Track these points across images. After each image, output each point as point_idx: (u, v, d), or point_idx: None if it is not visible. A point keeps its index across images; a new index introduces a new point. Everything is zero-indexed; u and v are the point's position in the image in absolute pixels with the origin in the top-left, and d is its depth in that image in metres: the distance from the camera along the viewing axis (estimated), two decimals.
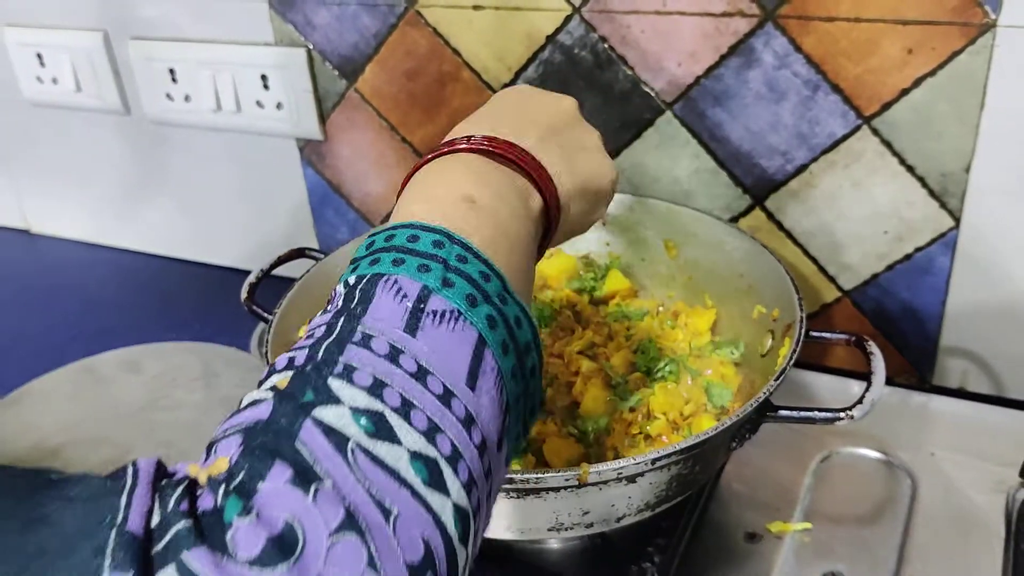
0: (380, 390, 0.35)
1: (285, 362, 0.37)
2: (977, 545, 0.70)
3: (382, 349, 0.36)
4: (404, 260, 0.39)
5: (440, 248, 0.40)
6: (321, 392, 0.35)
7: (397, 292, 0.38)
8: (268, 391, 0.36)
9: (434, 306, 0.38)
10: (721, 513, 0.74)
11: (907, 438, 0.80)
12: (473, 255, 0.40)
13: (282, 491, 0.32)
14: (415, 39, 0.92)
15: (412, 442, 0.34)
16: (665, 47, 0.82)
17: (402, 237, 0.41)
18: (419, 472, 0.34)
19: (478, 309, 0.39)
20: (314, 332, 0.38)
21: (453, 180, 0.45)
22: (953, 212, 0.79)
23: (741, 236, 0.79)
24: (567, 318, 0.81)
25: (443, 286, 0.38)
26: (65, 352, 1.02)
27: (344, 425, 0.34)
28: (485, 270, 0.40)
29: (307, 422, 0.34)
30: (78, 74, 1.11)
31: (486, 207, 0.44)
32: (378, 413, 0.34)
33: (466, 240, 0.41)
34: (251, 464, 0.32)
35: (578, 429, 0.71)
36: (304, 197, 1.08)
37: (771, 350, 0.72)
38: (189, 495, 0.32)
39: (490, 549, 0.69)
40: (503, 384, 0.39)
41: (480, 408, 0.37)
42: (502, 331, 0.39)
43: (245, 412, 0.35)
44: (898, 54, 0.75)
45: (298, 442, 0.33)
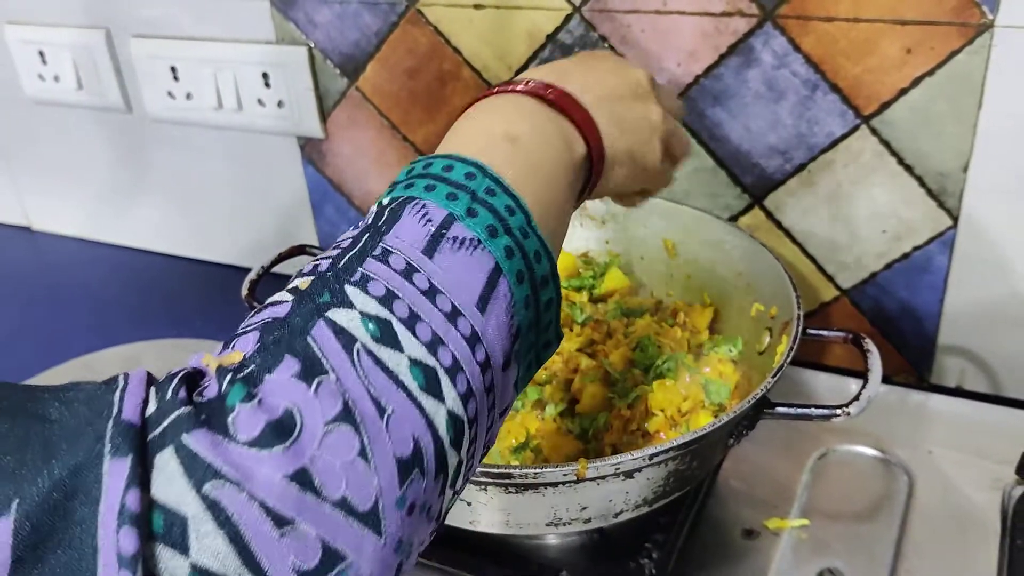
0: (391, 301, 0.37)
1: (310, 268, 0.39)
2: (973, 542, 0.70)
3: (399, 265, 0.38)
4: (435, 187, 0.41)
5: (471, 179, 0.42)
6: (337, 295, 0.37)
7: (423, 216, 0.40)
8: (289, 293, 0.38)
9: (455, 232, 0.40)
10: (719, 510, 0.74)
11: (904, 436, 0.80)
12: (503, 189, 0.42)
13: (287, 383, 0.34)
14: (416, 37, 0.92)
15: (413, 350, 0.37)
16: (665, 46, 0.83)
17: (438, 166, 0.43)
18: (416, 377, 0.36)
19: (497, 240, 0.41)
20: (341, 243, 0.41)
21: (499, 117, 0.47)
22: (951, 211, 0.79)
23: (740, 234, 0.80)
24: (566, 315, 0.82)
25: (467, 215, 0.40)
26: (65, 349, 1.03)
27: (353, 327, 0.36)
28: (511, 204, 0.42)
29: (320, 321, 0.36)
30: (80, 72, 1.12)
31: (524, 144, 0.45)
32: (386, 321, 0.36)
33: (497, 174, 0.42)
34: (263, 358, 0.34)
35: (577, 426, 0.72)
36: (305, 195, 1.09)
37: (769, 348, 0.72)
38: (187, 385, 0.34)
39: (488, 544, 0.69)
40: (515, 311, 0.41)
41: (487, 328, 0.39)
42: (519, 261, 0.41)
43: (267, 310, 0.38)
44: (897, 54, 0.75)
45: (310, 338, 0.35)
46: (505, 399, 0.42)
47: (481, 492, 0.60)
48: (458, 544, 0.69)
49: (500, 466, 0.58)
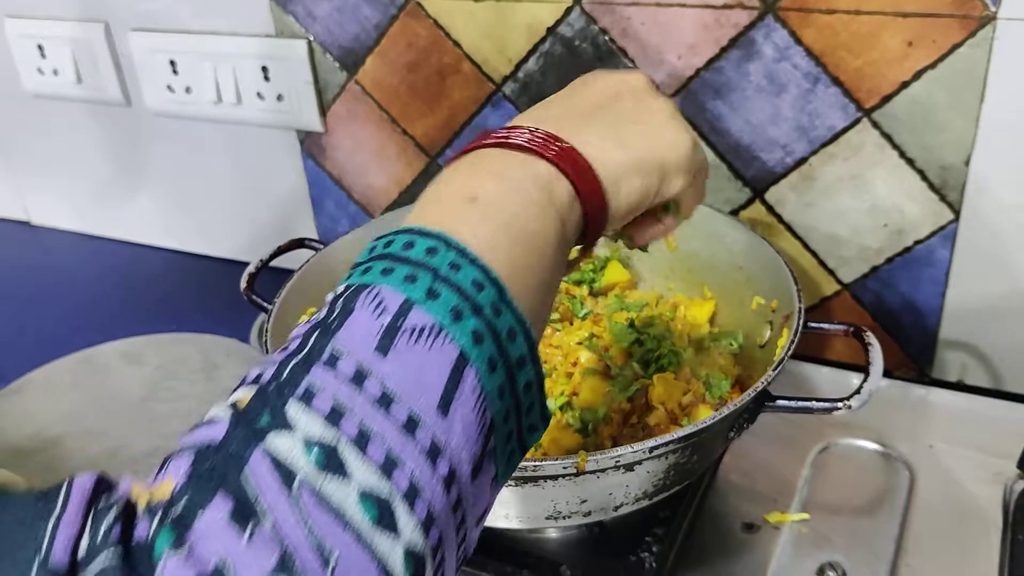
0: (338, 418, 0.34)
1: (254, 375, 0.36)
2: (975, 536, 0.70)
3: (348, 370, 0.35)
4: (393, 269, 0.38)
5: (433, 255, 0.38)
6: (277, 417, 0.34)
7: (377, 306, 0.36)
8: (228, 408, 0.35)
9: (413, 322, 0.36)
10: (719, 503, 0.74)
11: (906, 430, 0.80)
12: (468, 261, 0.38)
13: (219, 527, 0.31)
14: (416, 31, 0.92)
15: (364, 476, 0.33)
16: (665, 39, 0.83)
17: (399, 243, 0.39)
18: (367, 511, 0.32)
19: (463, 323, 0.37)
20: (290, 343, 0.37)
21: (461, 179, 0.43)
22: (953, 205, 0.79)
23: (740, 228, 0.80)
24: (566, 309, 0.81)
25: (428, 298, 0.37)
26: (66, 343, 1.02)
27: (294, 457, 0.32)
28: (479, 278, 0.38)
29: (257, 451, 0.33)
30: (79, 66, 1.11)
31: (489, 203, 0.41)
32: (331, 446, 0.33)
33: (463, 245, 0.38)
34: (193, 493, 0.31)
35: (577, 419, 0.71)
36: (304, 189, 1.08)
37: (769, 341, 0.72)
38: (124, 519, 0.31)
39: (488, 538, 0.69)
40: (486, 405, 0.37)
41: (451, 435, 0.35)
42: (490, 346, 0.37)
43: (203, 429, 0.34)
44: (898, 47, 0.75)
45: (245, 472, 0.32)
46: (480, 506, 0.38)
47: None
48: None
49: None
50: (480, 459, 0.37)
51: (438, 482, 0.35)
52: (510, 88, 0.91)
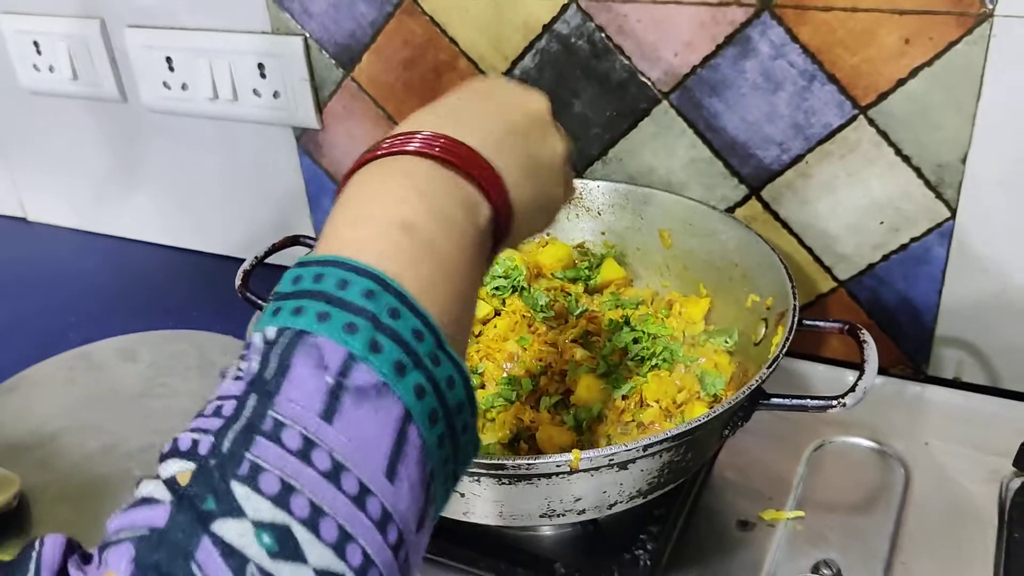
0: (287, 497, 0.32)
1: (188, 444, 0.34)
2: (970, 534, 0.70)
3: (294, 443, 0.33)
4: (330, 315, 0.35)
5: (371, 299, 0.36)
6: (223, 500, 0.32)
7: (318, 362, 0.34)
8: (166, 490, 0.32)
9: (357, 380, 0.34)
10: (714, 501, 0.74)
11: (901, 427, 0.80)
12: (408, 307, 0.37)
13: None
14: (412, 28, 0.92)
15: (318, 558, 0.32)
16: (662, 36, 0.82)
17: (331, 280, 0.37)
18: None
19: (406, 379, 0.35)
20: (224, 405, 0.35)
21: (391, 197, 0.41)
22: (949, 203, 0.79)
23: (736, 225, 0.79)
24: (561, 307, 0.81)
25: (370, 351, 0.35)
26: (62, 339, 1.02)
27: (245, 545, 0.31)
28: (419, 326, 0.37)
29: (205, 540, 0.31)
30: (75, 62, 1.11)
31: (426, 234, 0.40)
32: (283, 527, 0.31)
33: (402, 289, 0.37)
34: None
35: (571, 417, 0.71)
36: (301, 185, 1.08)
37: (764, 338, 0.72)
38: None
39: (482, 536, 0.69)
40: (426, 458, 0.36)
41: (399, 500, 0.35)
42: (431, 399, 0.36)
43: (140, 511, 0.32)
44: (895, 44, 0.75)
45: (194, 564, 0.30)
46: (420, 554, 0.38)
47: (475, 483, 0.60)
48: (451, 536, 0.69)
49: (494, 457, 0.57)
50: (424, 511, 0.37)
51: (388, 550, 0.34)
52: None
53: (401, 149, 0.43)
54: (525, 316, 0.80)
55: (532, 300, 0.81)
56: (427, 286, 0.38)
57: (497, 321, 0.80)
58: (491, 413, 0.72)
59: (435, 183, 0.42)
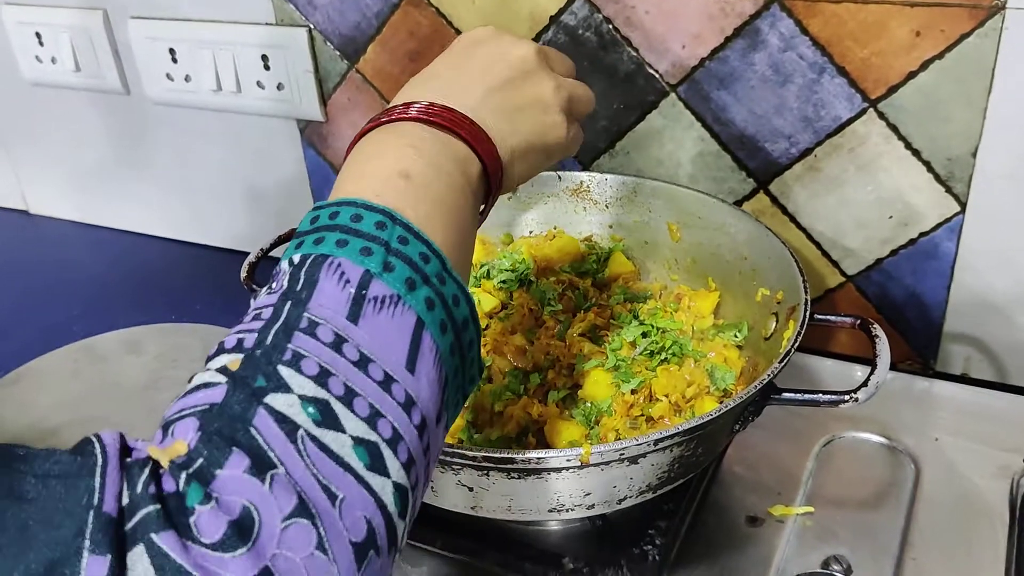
0: (325, 379, 0.37)
1: (234, 343, 0.39)
2: (980, 530, 0.70)
3: (327, 337, 0.38)
4: (347, 242, 0.41)
5: (382, 229, 0.41)
6: (272, 378, 0.36)
7: (340, 277, 0.40)
8: (219, 373, 0.37)
9: (375, 292, 0.40)
10: (723, 496, 0.74)
11: (910, 423, 0.80)
12: (414, 235, 0.42)
13: (240, 479, 0.34)
14: (417, 19, 0.91)
15: (355, 428, 0.37)
16: (670, 28, 0.82)
17: (346, 216, 0.42)
18: (361, 457, 0.37)
19: (416, 292, 0.41)
20: (261, 312, 0.40)
21: (389, 154, 0.47)
22: (959, 197, 0.78)
23: (745, 218, 0.79)
24: (569, 300, 0.81)
25: (384, 270, 0.40)
26: (65, 332, 1.02)
27: (294, 413, 0.36)
28: (425, 251, 0.42)
29: (260, 409, 0.35)
30: (77, 54, 1.11)
31: (421, 182, 0.45)
32: (324, 401, 0.36)
33: (407, 220, 0.42)
34: (209, 452, 0.34)
35: (580, 411, 0.71)
36: (305, 178, 1.08)
37: (775, 333, 0.72)
38: (155, 477, 0.34)
39: (490, 530, 0.69)
40: (441, 362, 0.41)
41: (420, 390, 0.40)
42: (440, 311, 0.41)
43: (198, 394, 0.37)
44: (906, 36, 0.74)
45: (252, 429, 0.35)
46: (437, 450, 0.43)
47: (483, 477, 0.60)
48: (459, 530, 0.69)
49: (503, 451, 0.57)
50: (440, 408, 0.42)
51: (413, 429, 0.39)
52: None
53: (397, 117, 0.49)
54: (532, 310, 0.79)
55: (540, 294, 0.80)
56: (427, 220, 0.43)
57: (504, 314, 0.80)
58: (499, 406, 0.71)
59: (427, 141, 0.47)
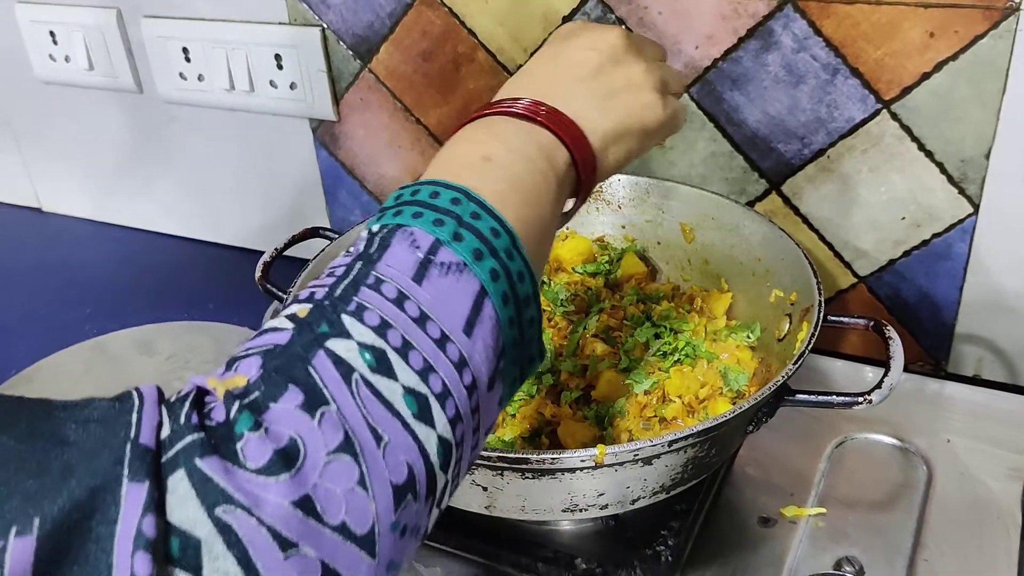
0: (385, 330, 0.39)
1: (307, 295, 0.41)
2: (992, 531, 0.70)
3: (391, 293, 0.40)
4: (423, 214, 0.43)
5: (457, 204, 0.44)
6: (335, 325, 0.38)
7: (412, 243, 0.42)
8: (288, 320, 0.39)
9: (443, 258, 0.42)
10: (735, 497, 0.74)
11: (922, 424, 0.80)
12: (487, 212, 0.44)
13: (292, 413, 0.35)
14: (430, 19, 0.92)
15: (407, 379, 0.38)
16: (683, 29, 0.82)
17: (425, 192, 0.44)
18: (410, 406, 0.38)
19: (483, 263, 0.42)
20: (335, 271, 0.42)
21: (474, 142, 0.49)
22: (972, 198, 0.78)
23: (758, 219, 0.79)
24: (581, 301, 0.81)
25: (453, 240, 0.42)
26: (77, 330, 1.02)
27: (352, 358, 0.38)
28: (496, 226, 0.44)
29: (320, 351, 0.37)
30: (91, 52, 1.11)
31: (501, 164, 0.47)
32: (381, 350, 0.38)
33: (481, 198, 0.44)
34: (267, 386, 0.36)
35: (593, 412, 0.71)
36: (317, 178, 1.08)
37: (788, 334, 0.72)
38: (199, 410, 0.35)
39: (503, 530, 0.69)
40: (500, 331, 0.43)
41: (474, 352, 0.41)
42: (504, 283, 0.43)
43: (267, 335, 0.39)
44: (920, 38, 0.74)
45: (311, 367, 0.37)
46: (489, 418, 0.44)
47: (498, 477, 0.60)
48: (473, 530, 0.69)
49: (517, 451, 0.57)
50: (493, 376, 0.43)
51: (463, 388, 0.40)
52: None
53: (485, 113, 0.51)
54: (545, 310, 0.80)
55: (552, 294, 0.80)
56: (502, 198, 0.45)
57: None
58: (512, 408, 0.72)
59: (512, 131, 0.50)
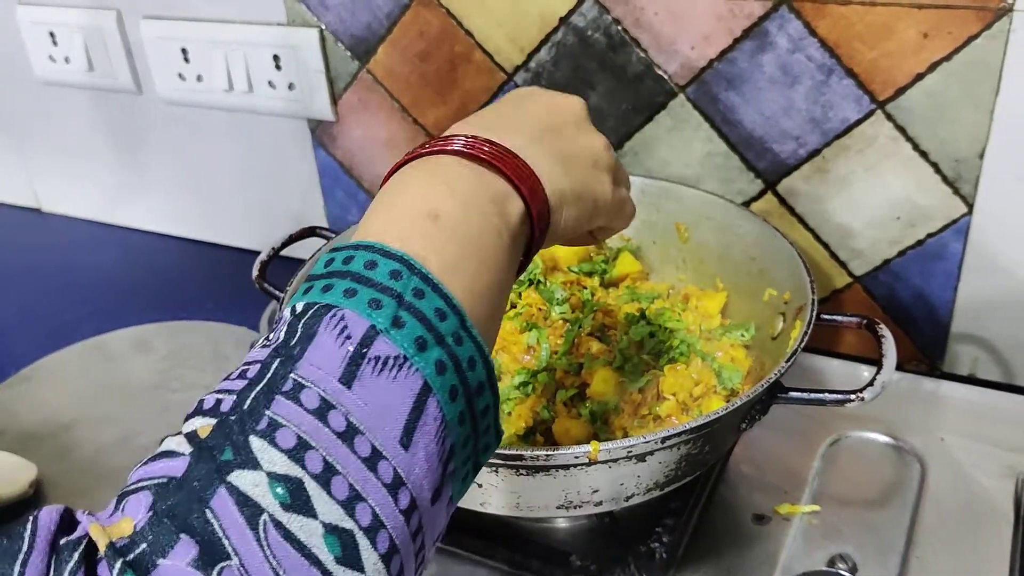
0: (302, 453, 0.33)
1: (212, 403, 0.35)
2: (986, 529, 0.70)
3: (312, 403, 0.34)
4: (357, 291, 0.37)
5: (397, 279, 0.38)
6: (241, 451, 0.33)
7: (341, 332, 0.36)
8: (186, 440, 0.34)
9: (378, 351, 0.36)
10: (730, 495, 0.74)
11: (917, 423, 0.80)
12: (432, 288, 0.38)
13: (183, 573, 0.30)
14: (428, 20, 0.92)
15: (328, 513, 0.33)
16: (679, 30, 0.82)
17: (360, 261, 0.38)
18: (332, 548, 0.33)
19: (427, 354, 0.37)
20: (249, 369, 0.36)
21: (420, 189, 0.43)
22: (966, 198, 0.79)
23: (753, 219, 0.79)
24: (577, 300, 0.81)
25: (392, 326, 0.36)
26: (76, 330, 1.03)
27: (259, 494, 0.32)
28: (442, 306, 0.38)
29: (221, 488, 0.32)
30: (90, 53, 1.11)
31: (451, 222, 0.41)
32: (296, 481, 0.33)
33: (426, 271, 0.38)
34: (156, 536, 0.31)
35: (587, 410, 0.71)
36: (315, 178, 1.08)
37: (782, 333, 0.72)
38: (88, 562, 0.31)
39: (497, 527, 0.69)
40: (447, 432, 0.37)
41: (413, 466, 0.36)
42: (451, 376, 0.37)
43: (160, 463, 0.34)
44: (914, 38, 0.74)
45: (209, 511, 0.31)
46: (437, 528, 0.39)
47: (492, 474, 0.60)
48: (467, 527, 0.69)
49: (512, 448, 0.58)
50: (440, 485, 0.37)
51: (399, 514, 0.35)
52: (522, 78, 0.91)
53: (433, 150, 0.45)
54: (541, 309, 0.80)
55: (548, 293, 0.81)
56: (452, 269, 0.40)
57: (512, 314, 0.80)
58: (507, 406, 0.72)
59: (463, 177, 0.43)
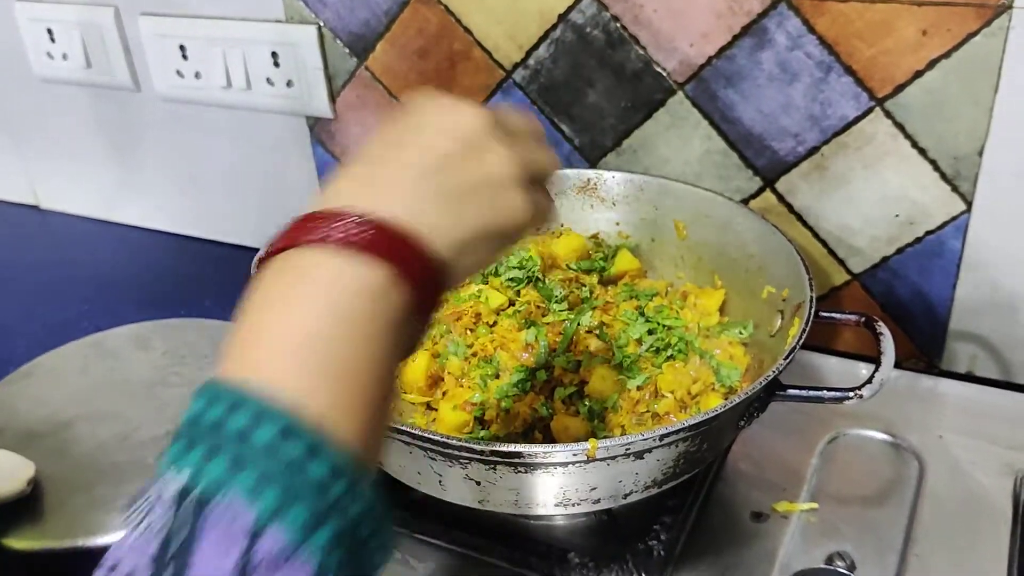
0: None
1: None
2: (984, 527, 0.70)
3: None
4: (244, 465, 0.35)
5: (286, 441, 0.35)
6: None
7: (227, 532, 0.34)
8: None
9: (268, 546, 0.33)
10: (728, 492, 0.74)
11: (915, 421, 0.80)
12: (323, 448, 0.36)
13: None
14: (426, 17, 0.92)
15: None
16: (677, 27, 0.82)
17: (240, 420, 0.36)
18: None
19: (320, 532, 0.35)
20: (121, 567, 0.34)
21: (295, 308, 0.39)
22: (965, 196, 0.79)
23: (752, 216, 0.79)
24: (575, 297, 0.81)
25: (283, 506, 0.34)
26: (75, 327, 1.02)
27: None
28: (337, 464, 0.36)
29: None
30: (88, 50, 1.11)
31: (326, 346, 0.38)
32: None
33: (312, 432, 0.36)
34: None
35: (586, 407, 0.71)
36: (313, 175, 1.08)
37: (780, 330, 0.72)
38: None
39: (496, 525, 0.69)
40: None
41: None
42: (344, 545, 0.35)
43: None
44: (913, 35, 0.74)
45: None
46: None
47: (491, 471, 0.60)
48: (465, 524, 0.69)
49: (510, 445, 0.58)
50: None
51: None
52: (520, 75, 0.91)
53: (299, 240, 0.42)
54: (539, 306, 0.80)
55: (547, 291, 0.81)
56: (342, 409, 0.37)
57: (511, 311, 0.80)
58: (505, 403, 0.72)
59: (336, 279, 0.40)
